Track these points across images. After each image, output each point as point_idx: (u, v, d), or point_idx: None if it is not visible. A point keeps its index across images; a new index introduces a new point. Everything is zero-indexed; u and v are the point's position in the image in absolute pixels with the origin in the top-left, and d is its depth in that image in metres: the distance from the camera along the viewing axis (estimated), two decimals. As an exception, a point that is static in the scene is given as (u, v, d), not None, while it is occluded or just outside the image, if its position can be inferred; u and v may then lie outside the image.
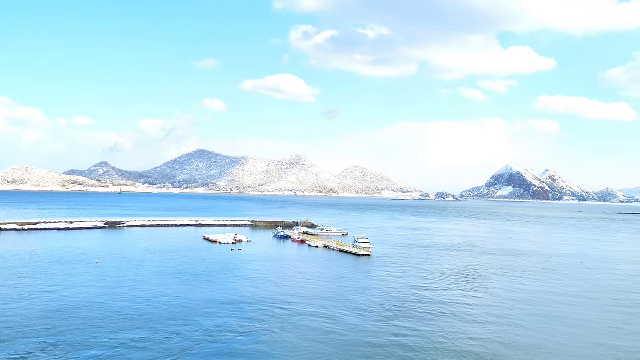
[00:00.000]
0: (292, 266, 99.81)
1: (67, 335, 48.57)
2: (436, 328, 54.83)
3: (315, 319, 57.04)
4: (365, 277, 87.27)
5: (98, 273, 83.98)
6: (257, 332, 51.65)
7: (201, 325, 53.27)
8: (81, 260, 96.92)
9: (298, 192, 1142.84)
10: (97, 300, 63.56)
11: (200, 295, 68.28)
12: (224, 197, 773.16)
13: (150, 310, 59.44)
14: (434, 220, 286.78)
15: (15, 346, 45.03)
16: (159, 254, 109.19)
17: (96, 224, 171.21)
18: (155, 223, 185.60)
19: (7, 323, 52.27)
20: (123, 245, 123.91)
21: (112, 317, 55.87)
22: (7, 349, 44.39)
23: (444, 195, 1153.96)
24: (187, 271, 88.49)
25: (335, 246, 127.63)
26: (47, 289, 70.40)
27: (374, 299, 69.07)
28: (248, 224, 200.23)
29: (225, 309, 60.64)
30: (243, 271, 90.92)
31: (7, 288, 70.14)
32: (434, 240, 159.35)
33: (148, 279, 79.51)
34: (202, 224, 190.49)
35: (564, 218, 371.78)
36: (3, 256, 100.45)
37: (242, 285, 76.75)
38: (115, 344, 46.38)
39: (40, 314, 56.57)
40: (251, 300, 65.96)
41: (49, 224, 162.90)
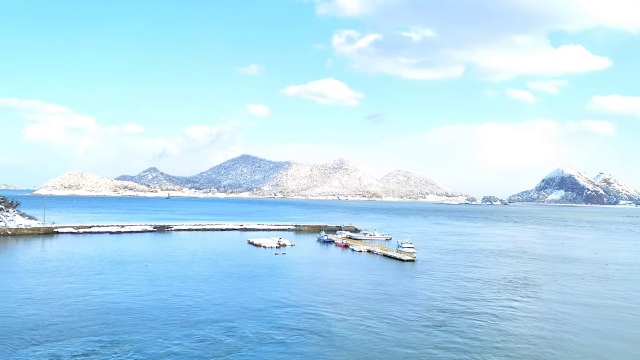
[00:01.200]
0: (335, 270, 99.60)
1: (122, 335, 50.23)
2: (482, 338, 53.18)
3: (359, 325, 56.55)
4: (409, 283, 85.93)
5: (147, 275, 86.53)
6: (303, 336, 51.70)
7: (248, 328, 53.85)
8: (131, 263, 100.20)
9: (341, 197, 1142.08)
10: (147, 302, 65.47)
11: (246, 299, 69.09)
12: (268, 202, 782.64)
13: (199, 312, 60.66)
14: (480, 225, 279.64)
15: (75, 344, 46.94)
16: (205, 257, 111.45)
17: (145, 228, 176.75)
18: (202, 227, 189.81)
19: (66, 322, 54.59)
20: (171, 249, 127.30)
21: (162, 318, 57.39)
22: (68, 346, 46.32)
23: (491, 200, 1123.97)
24: (233, 274, 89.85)
25: (378, 251, 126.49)
26: (101, 290, 73.13)
27: (419, 305, 67.84)
28: (292, 228, 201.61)
29: (271, 313, 61.09)
30: (287, 275, 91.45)
31: (64, 288, 73.35)
32: (480, 246, 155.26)
33: (195, 282, 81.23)
34: (247, 228, 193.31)
35: (621, 223, 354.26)
36: (60, 258, 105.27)
37: (286, 289, 77.15)
38: (167, 344, 47.66)
39: (95, 313, 58.77)
40: (296, 304, 66.17)
41: (102, 228, 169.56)
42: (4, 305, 61.88)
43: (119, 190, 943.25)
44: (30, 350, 45.09)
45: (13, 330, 51.17)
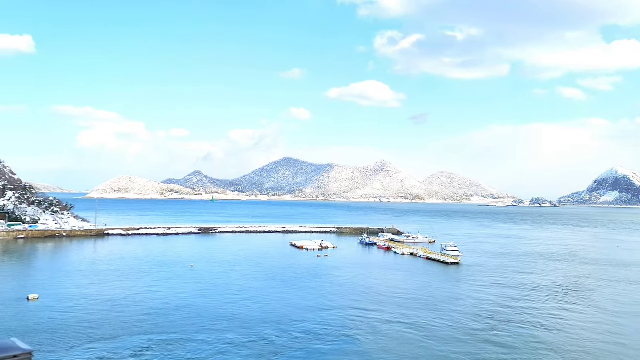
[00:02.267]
0: (378, 273, 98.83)
1: (172, 334, 51.63)
2: (531, 344, 51.38)
3: (403, 328, 55.83)
4: (455, 287, 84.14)
5: (193, 276, 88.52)
6: (347, 338, 51.52)
7: (294, 330, 54.17)
8: (178, 264, 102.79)
9: (383, 199, 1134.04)
10: (194, 302, 66.97)
11: (290, 300, 69.54)
12: (310, 204, 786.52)
13: (244, 313, 61.55)
14: (528, 228, 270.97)
15: (128, 343, 48.59)
16: (249, 259, 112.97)
17: (191, 230, 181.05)
18: (245, 229, 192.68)
19: (118, 321, 56.59)
20: (215, 250, 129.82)
21: (210, 318, 58.62)
22: (121, 345, 47.99)
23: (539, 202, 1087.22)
24: (276, 276, 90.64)
25: (422, 254, 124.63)
26: (149, 290, 75.38)
27: (465, 309, 66.30)
28: (334, 230, 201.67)
29: (315, 314, 61.24)
30: (330, 277, 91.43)
31: (115, 288, 76.06)
32: (528, 249, 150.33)
33: (239, 283, 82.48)
34: (289, 231, 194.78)
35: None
36: (110, 259, 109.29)
37: (329, 291, 77.14)
38: (216, 344, 48.71)
39: (145, 313, 60.62)
40: (339, 307, 66.06)
41: (150, 230, 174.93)
42: (61, 304, 64.73)
43: (165, 193, 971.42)
44: (86, 347, 46.94)
45: (69, 328, 53.43)
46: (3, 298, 67.30)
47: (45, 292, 71.25)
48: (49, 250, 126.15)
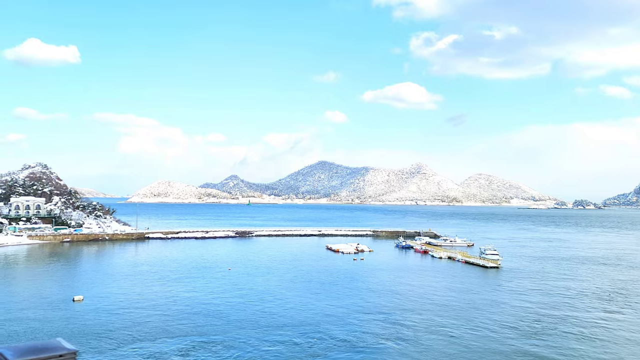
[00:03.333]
0: (415, 277, 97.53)
1: (212, 335, 52.51)
2: (574, 351, 49.48)
3: (443, 333, 54.82)
4: (495, 291, 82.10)
5: (231, 279, 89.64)
6: (386, 342, 51.03)
7: (332, 333, 54.12)
8: (215, 267, 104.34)
9: (419, 202, 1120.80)
10: (232, 305, 67.79)
11: (328, 303, 69.45)
12: (345, 207, 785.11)
13: (283, 315, 61.90)
14: (571, 231, 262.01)
15: (170, 343, 49.75)
16: (285, 262, 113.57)
17: (228, 233, 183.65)
18: (281, 233, 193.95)
19: (159, 322, 57.91)
20: (252, 254, 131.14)
21: (249, 320, 59.27)
22: (163, 345, 49.15)
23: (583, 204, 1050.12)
24: (313, 279, 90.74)
25: (460, 257, 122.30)
26: (189, 292, 76.78)
27: (505, 314, 64.58)
28: (369, 233, 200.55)
29: (354, 318, 60.97)
30: (366, 280, 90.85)
31: (155, 290, 77.84)
32: (571, 253, 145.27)
33: (277, 286, 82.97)
34: (325, 234, 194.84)
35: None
36: (151, 262, 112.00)
37: (367, 295, 76.65)
38: (256, 345, 49.32)
39: (185, 314, 61.81)
40: (377, 310, 65.53)
41: (188, 233, 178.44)
42: (105, 305, 66.71)
43: (203, 197, 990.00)
44: (130, 348, 48.18)
45: (113, 328, 54.99)
46: (50, 299, 69.92)
47: (90, 293, 73.61)
48: (92, 253, 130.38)
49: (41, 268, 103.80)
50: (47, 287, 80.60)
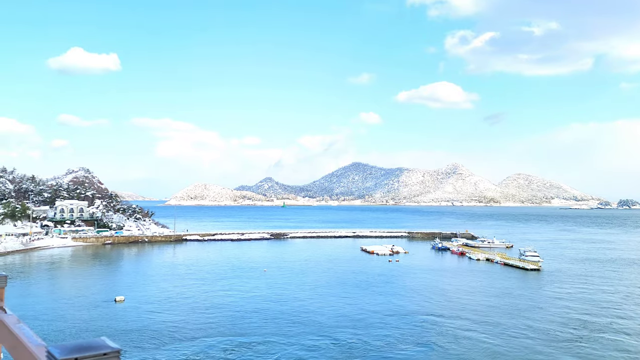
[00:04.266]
0: (453, 279, 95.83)
1: (251, 336, 53.05)
2: (623, 358, 47.39)
3: (482, 336, 53.58)
4: (536, 294, 79.73)
5: (267, 280, 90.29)
6: (424, 345, 50.30)
7: (368, 335, 53.71)
8: (251, 269, 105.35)
9: (455, 202, 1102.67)
10: (269, 306, 68.24)
11: (363, 305, 69.04)
12: (380, 209, 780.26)
13: (318, 317, 61.91)
14: (616, 232, 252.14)
15: (209, 343, 50.49)
16: (320, 264, 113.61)
17: (263, 235, 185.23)
18: (315, 234, 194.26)
19: (198, 322, 58.88)
20: (287, 255, 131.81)
21: (284, 322, 59.54)
22: (203, 345, 49.92)
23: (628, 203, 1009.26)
24: (348, 281, 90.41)
25: (498, 259, 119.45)
26: (226, 293, 77.76)
27: (548, 317, 62.58)
28: (404, 235, 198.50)
29: (389, 320, 60.39)
30: (402, 282, 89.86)
31: (194, 291, 79.18)
32: (617, 255, 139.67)
33: (312, 288, 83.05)
34: (359, 235, 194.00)
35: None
36: (188, 263, 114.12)
37: (403, 297, 75.80)
38: (295, 347, 49.49)
39: (223, 315, 62.62)
40: (414, 312, 64.70)
41: (224, 235, 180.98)
42: (145, 305, 68.30)
43: (238, 199, 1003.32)
44: (172, 346, 49.14)
45: (153, 328, 56.21)
46: (93, 299, 72.11)
47: (131, 294, 75.51)
48: (132, 255, 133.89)
49: (84, 269, 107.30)
50: (90, 288, 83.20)
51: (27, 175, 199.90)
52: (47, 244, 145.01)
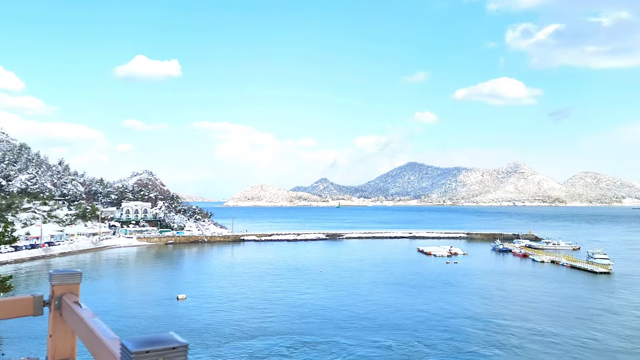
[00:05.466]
0: (516, 282, 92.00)
1: (309, 336, 53.21)
2: None
3: (548, 342, 50.97)
4: (606, 299, 75.03)
5: (323, 280, 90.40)
6: (487, 349, 48.46)
7: (428, 337, 52.53)
8: (307, 269, 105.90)
9: (517, 202, 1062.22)
10: (326, 306, 68.22)
11: (422, 307, 67.63)
12: (436, 209, 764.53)
13: (377, 318, 61.26)
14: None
15: (268, 342, 51.03)
16: (376, 265, 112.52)
17: (318, 236, 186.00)
18: (371, 235, 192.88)
19: (258, 321, 59.75)
20: (342, 256, 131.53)
21: (342, 322, 59.31)
22: (262, 344, 50.53)
23: None
24: (405, 282, 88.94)
25: (564, 261, 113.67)
26: (283, 293, 78.50)
27: (619, 325, 58.67)
28: (463, 236, 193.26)
29: (449, 322, 58.80)
30: (462, 284, 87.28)
31: (252, 290, 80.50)
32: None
33: (368, 288, 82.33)
34: (416, 236, 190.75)
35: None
36: (246, 263, 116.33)
37: (463, 299, 73.59)
38: (354, 347, 49.14)
39: (282, 314, 63.21)
40: (475, 315, 62.61)
41: (280, 236, 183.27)
42: (206, 304, 70.14)
43: (294, 200, 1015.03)
44: (233, 344, 50.08)
45: (215, 326, 57.55)
46: (157, 297, 74.88)
47: (192, 292, 77.79)
48: (193, 254, 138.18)
49: (148, 268, 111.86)
50: (154, 285, 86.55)
51: (96, 178, 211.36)
52: (114, 243, 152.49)
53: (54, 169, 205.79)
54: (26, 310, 2.90)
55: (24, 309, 2.88)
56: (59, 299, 2.84)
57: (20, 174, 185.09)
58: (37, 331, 52.77)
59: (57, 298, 2.85)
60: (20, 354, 44.01)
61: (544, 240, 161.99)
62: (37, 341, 50.24)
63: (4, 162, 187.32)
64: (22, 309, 2.88)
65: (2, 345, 50.96)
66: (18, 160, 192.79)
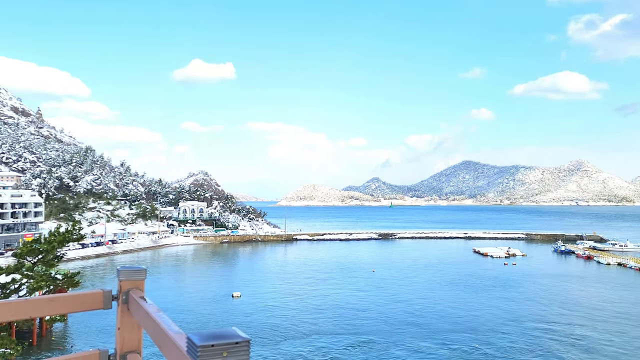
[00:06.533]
0: (579, 285, 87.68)
1: (363, 336, 53.13)
2: None
3: (623, 352, 48.13)
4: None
5: (376, 280, 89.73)
6: (549, 355, 46.44)
7: (487, 340, 51.17)
8: (359, 268, 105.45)
9: (580, 202, 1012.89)
10: (379, 306, 67.73)
11: (479, 310, 65.79)
12: (493, 209, 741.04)
13: (431, 320, 60.22)
14: None
15: (324, 341, 51.44)
16: (430, 265, 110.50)
17: (371, 235, 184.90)
18: (424, 235, 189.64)
19: (311, 320, 60.15)
20: (395, 256, 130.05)
21: (397, 322, 58.81)
22: (320, 342, 50.96)
23: None
24: (460, 284, 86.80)
25: (633, 264, 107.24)
26: (337, 291, 78.60)
27: (698, 333, 54.57)
28: (522, 236, 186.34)
29: (509, 326, 56.91)
30: (521, 287, 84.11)
31: (305, 289, 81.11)
32: None
33: (422, 289, 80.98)
34: (471, 237, 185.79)
35: None
36: (299, 262, 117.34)
37: (522, 302, 70.94)
38: (412, 348, 48.75)
39: (335, 313, 63.36)
40: (536, 319, 60.25)
41: (333, 235, 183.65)
42: (260, 301, 71.35)
43: (345, 200, 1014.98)
44: (290, 342, 50.67)
45: (272, 323, 58.46)
46: (214, 294, 76.91)
47: (246, 290, 79.33)
48: (247, 253, 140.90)
49: (204, 266, 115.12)
50: (210, 283, 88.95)
51: (155, 179, 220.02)
52: (172, 241, 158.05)
53: (116, 170, 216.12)
54: (96, 304, 3.08)
55: (94, 303, 3.07)
56: (126, 294, 3.02)
57: (86, 175, 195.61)
58: (99, 325, 55.48)
59: (125, 293, 3.03)
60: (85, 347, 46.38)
61: (609, 242, 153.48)
62: (100, 334, 52.80)
63: (72, 164, 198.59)
64: (92, 302, 3.07)
65: (71, 338, 53.95)
66: (84, 163, 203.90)
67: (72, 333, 55.09)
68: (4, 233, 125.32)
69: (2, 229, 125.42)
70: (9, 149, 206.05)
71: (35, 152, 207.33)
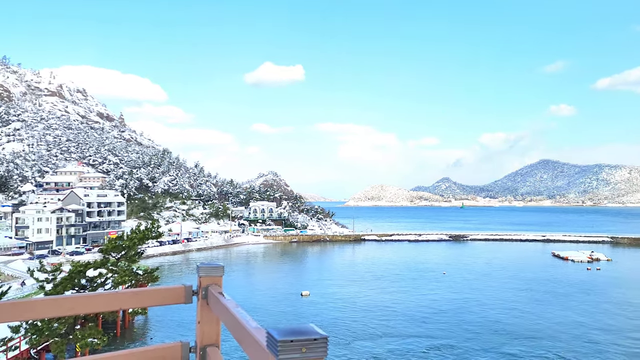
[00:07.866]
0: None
1: (438, 340, 51.89)
2: None
3: None
4: None
5: (447, 283, 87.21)
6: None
7: (570, 350, 48.19)
8: (429, 270, 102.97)
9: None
10: (453, 310, 65.68)
11: (560, 316, 62.11)
12: (574, 210, 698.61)
13: (507, 325, 57.65)
14: None
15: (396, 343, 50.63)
16: (504, 269, 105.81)
17: (441, 237, 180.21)
18: (498, 237, 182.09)
19: (381, 321, 59.50)
20: (467, 258, 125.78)
21: (473, 327, 56.78)
22: (390, 345, 50.29)
23: None
24: (539, 288, 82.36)
25: None
26: (406, 293, 77.20)
27: None
28: (607, 240, 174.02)
29: (594, 336, 53.26)
30: (606, 294, 78.38)
31: (373, 290, 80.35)
32: None
33: (497, 293, 77.68)
34: (550, 239, 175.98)
35: None
36: (367, 263, 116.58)
37: (608, 310, 66.10)
38: (489, 354, 46.99)
39: (404, 315, 62.27)
40: (626, 329, 55.88)
41: (401, 236, 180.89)
42: (328, 301, 71.53)
43: (414, 200, 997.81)
44: (360, 344, 50.31)
45: (342, 323, 58.42)
46: (284, 292, 78.10)
47: (315, 289, 79.81)
48: (316, 253, 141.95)
49: (274, 264, 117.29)
50: (279, 281, 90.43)
51: (226, 180, 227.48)
52: (243, 240, 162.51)
53: (191, 171, 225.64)
54: (178, 299, 3.22)
55: (176, 297, 3.21)
56: (205, 289, 3.13)
57: (163, 176, 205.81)
58: (175, 319, 57.86)
59: (204, 288, 3.13)
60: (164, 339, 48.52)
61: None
62: (178, 327, 55.06)
63: (150, 165, 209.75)
64: (175, 297, 3.21)
65: (150, 330, 56.73)
66: (161, 164, 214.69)
67: (152, 325, 57.91)
68: (91, 230, 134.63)
69: (90, 226, 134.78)
70: (95, 152, 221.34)
71: (118, 155, 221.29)
